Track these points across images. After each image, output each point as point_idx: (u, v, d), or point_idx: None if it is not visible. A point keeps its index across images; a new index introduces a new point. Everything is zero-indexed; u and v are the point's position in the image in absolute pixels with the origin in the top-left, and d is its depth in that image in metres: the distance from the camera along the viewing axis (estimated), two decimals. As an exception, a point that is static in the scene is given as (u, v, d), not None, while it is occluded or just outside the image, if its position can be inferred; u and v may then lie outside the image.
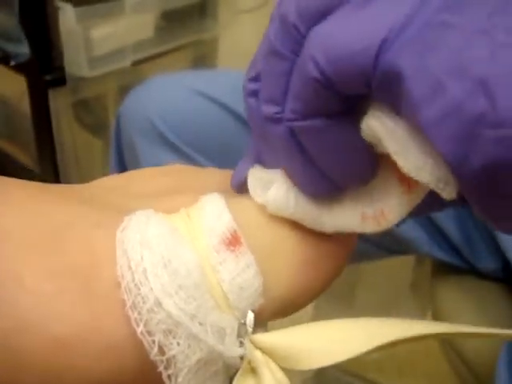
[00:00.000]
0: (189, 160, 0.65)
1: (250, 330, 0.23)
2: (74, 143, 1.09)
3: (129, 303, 0.21)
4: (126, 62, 1.03)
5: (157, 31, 1.08)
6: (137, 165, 0.69)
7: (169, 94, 0.67)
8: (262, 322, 0.25)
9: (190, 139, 0.65)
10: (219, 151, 0.65)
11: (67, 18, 0.90)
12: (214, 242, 0.23)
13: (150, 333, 0.21)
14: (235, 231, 0.24)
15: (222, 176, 0.30)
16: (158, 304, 0.21)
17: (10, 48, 0.96)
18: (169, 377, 0.21)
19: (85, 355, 0.20)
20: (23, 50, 0.94)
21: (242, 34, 1.28)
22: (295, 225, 0.26)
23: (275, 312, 0.25)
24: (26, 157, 1.20)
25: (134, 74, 1.10)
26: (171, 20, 1.11)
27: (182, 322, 0.21)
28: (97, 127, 1.16)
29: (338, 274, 0.27)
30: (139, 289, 0.21)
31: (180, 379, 0.21)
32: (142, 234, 0.22)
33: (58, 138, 1.04)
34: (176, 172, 0.30)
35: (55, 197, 0.24)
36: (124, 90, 1.11)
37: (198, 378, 0.22)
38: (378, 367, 0.99)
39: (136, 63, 1.05)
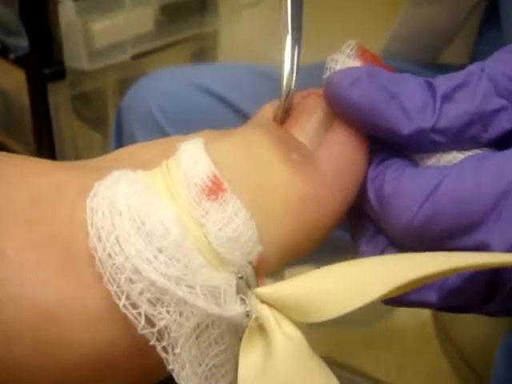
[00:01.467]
0: None
1: (253, 283, 0.21)
2: (73, 137, 1.08)
3: (105, 276, 0.19)
4: (126, 56, 1.02)
5: (157, 25, 1.07)
6: None
7: (169, 88, 0.67)
8: (272, 270, 0.23)
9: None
10: None
11: (67, 11, 0.90)
12: (192, 192, 0.21)
13: (134, 305, 0.19)
14: (215, 176, 0.22)
15: (217, 131, 0.28)
16: (137, 272, 0.19)
17: (10, 41, 0.95)
18: (164, 349, 0.20)
19: (72, 327, 0.20)
20: (23, 43, 0.94)
21: (243, 28, 1.27)
22: (284, 155, 0.24)
23: (281, 257, 0.23)
24: (24, 150, 1.20)
25: (133, 67, 1.10)
26: (171, 14, 1.10)
27: (166, 287, 0.19)
28: (96, 121, 1.15)
29: (346, 207, 0.25)
30: (114, 259, 0.19)
31: (178, 350, 0.20)
32: (111, 198, 0.20)
33: (57, 131, 1.04)
34: (172, 139, 0.28)
35: (42, 165, 0.23)
36: (123, 84, 1.11)
37: (200, 343, 0.20)
38: (378, 363, 0.99)
39: (136, 57, 1.05)
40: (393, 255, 0.22)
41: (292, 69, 0.26)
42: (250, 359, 0.21)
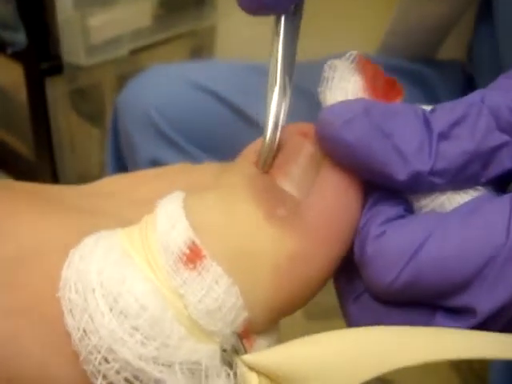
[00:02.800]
0: (184, 153, 0.65)
1: (240, 351, 0.20)
2: (70, 132, 1.08)
3: (81, 356, 0.19)
4: (124, 51, 1.02)
5: (155, 20, 1.07)
6: (133, 155, 0.68)
7: (165, 86, 0.67)
8: (264, 329, 0.22)
9: (185, 132, 0.65)
10: (216, 144, 0.65)
11: (64, 6, 0.90)
12: (170, 261, 0.20)
13: None
14: (193, 243, 0.20)
15: (217, 169, 0.26)
16: (112, 352, 0.18)
17: (7, 36, 0.95)
18: None
19: None
20: (20, 38, 0.94)
21: (241, 23, 1.27)
22: (269, 212, 0.22)
23: (271, 317, 0.22)
24: (22, 145, 1.20)
25: (131, 62, 1.10)
26: (169, 8, 1.10)
27: (143, 368, 0.18)
28: (93, 116, 1.15)
29: (339, 260, 0.23)
30: (90, 339, 0.19)
31: None
32: (84, 273, 0.19)
33: (55, 126, 1.04)
34: (169, 174, 0.27)
35: (36, 210, 0.22)
36: (121, 79, 1.11)
37: None
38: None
39: (134, 52, 1.05)
40: (391, 328, 0.21)
41: (277, 123, 0.24)
42: None
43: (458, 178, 0.22)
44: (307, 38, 0.33)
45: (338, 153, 0.23)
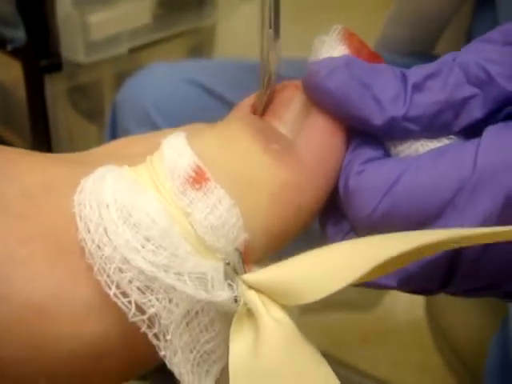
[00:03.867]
0: None
1: (240, 270, 0.22)
2: (69, 129, 1.08)
3: (95, 267, 0.20)
4: (123, 49, 1.02)
5: (154, 18, 1.07)
6: None
7: (164, 84, 0.67)
8: (258, 258, 0.23)
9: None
10: None
11: (64, 3, 0.90)
12: (176, 183, 0.22)
13: (124, 294, 0.20)
14: (198, 167, 0.22)
15: (201, 125, 0.28)
16: (126, 261, 0.20)
17: (7, 33, 0.95)
18: (156, 336, 0.20)
19: (63, 321, 0.20)
20: (19, 34, 0.94)
21: (240, 22, 1.27)
22: (265, 146, 0.25)
23: (267, 244, 0.24)
24: (20, 142, 1.19)
25: (130, 60, 1.10)
26: (169, 7, 1.10)
27: (156, 275, 0.20)
28: (92, 113, 1.15)
29: (327, 193, 0.26)
30: (103, 250, 0.20)
31: (169, 336, 0.20)
32: (98, 192, 0.21)
33: (53, 123, 1.04)
34: (159, 134, 0.28)
35: (34, 158, 0.23)
36: (120, 77, 1.11)
37: (191, 330, 0.21)
38: (371, 360, 1.00)
39: (133, 50, 1.05)
40: (370, 237, 0.22)
41: (270, 62, 0.27)
42: (239, 344, 0.21)
43: (431, 126, 0.24)
44: (306, 32, 0.34)
45: (321, 100, 0.25)
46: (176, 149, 0.23)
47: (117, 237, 0.20)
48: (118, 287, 0.20)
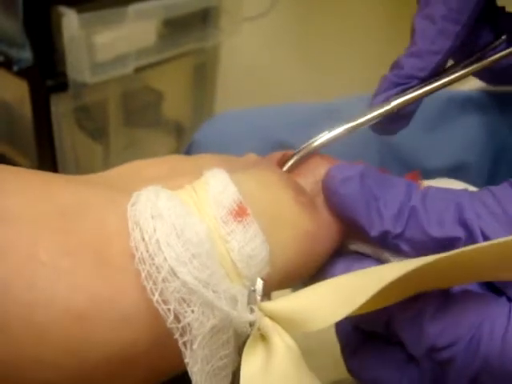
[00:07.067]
0: None
1: (258, 297, 0.24)
2: (74, 148, 1.09)
3: (143, 273, 0.22)
4: (128, 69, 1.03)
5: (159, 38, 1.08)
6: None
7: (235, 131, 0.66)
8: (267, 291, 0.25)
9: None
10: None
11: (70, 24, 0.90)
12: (221, 213, 0.25)
13: (165, 301, 0.22)
14: (241, 202, 0.25)
15: (219, 159, 0.31)
16: (173, 273, 0.22)
17: (13, 53, 0.96)
18: (184, 344, 0.22)
19: (101, 327, 0.21)
20: (26, 55, 0.94)
21: (244, 42, 1.28)
22: (295, 197, 0.28)
23: (280, 281, 0.26)
24: (26, 161, 1.20)
25: (135, 80, 1.11)
26: (174, 27, 1.11)
27: (197, 289, 0.22)
28: (97, 133, 1.16)
29: (333, 249, 0.29)
30: (153, 259, 0.22)
31: (195, 346, 0.22)
32: (153, 206, 0.23)
33: (59, 143, 1.04)
34: (173, 159, 0.31)
35: (65, 180, 0.25)
36: (125, 97, 1.12)
37: (211, 345, 0.23)
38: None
39: (138, 70, 1.06)
40: (371, 268, 0.25)
41: (321, 144, 0.31)
42: (252, 363, 0.24)
43: (422, 250, 0.26)
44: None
45: (331, 202, 0.28)
46: (221, 182, 0.26)
47: (169, 249, 0.22)
48: (160, 295, 0.22)
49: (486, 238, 0.25)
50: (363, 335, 0.29)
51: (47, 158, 1.06)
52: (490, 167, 0.53)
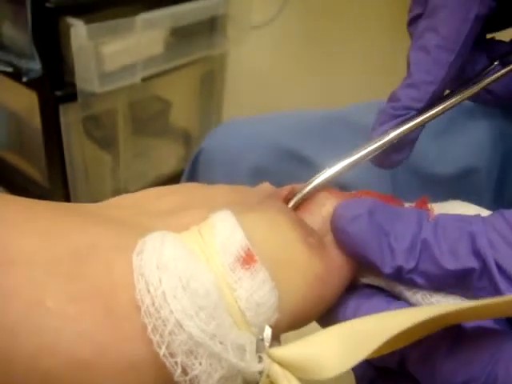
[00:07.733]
0: None
1: (267, 344, 0.23)
2: (83, 158, 1.09)
3: (150, 327, 0.21)
4: (137, 78, 1.04)
5: (167, 47, 1.09)
6: None
7: (254, 147, 0.64)
8: (276, 335, 0.25)
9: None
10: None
11: (79, 34, 0.91)
12: (228, 260, 0.24)
13: (172, 354, 0.21)
14: (249, 249, 0.24)
15: (231, 191, 0.31)
16: (179, 326, 0.21)
17: (22, 64, 0.97)
18: None
19: (107, 376, 0.21)
20: (35, 66, 0.95)
21: (251, 50, 1.29)
22: (304, 239, 0.27)
23: (289, 325, 0.26)
24: (35, 171, 1.21)
25: (143, 89, 1.11)
26: (181, 36, 1.12)
27: (204, 342, 0.21)
28: (106, 142, 1.17)
29: (344, 289, 0.28)
30: (159, 312, 0.21)
31: None
32: (158, 256, 0.22)
33: (68, 152, 1.05)
34: (185, 190, 0.31)
35: (76, 216, 0.24)
36: (134, 106, 1.12)
37: None
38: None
39: (146, 79, 1.06)
40: (381, 314, 0.24)
41: (326, 181, 0.31)
42: None
43: (437, 284, 0.26)
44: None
45: (341, 241, 0.28)
46: (228, 226, 0.25)
47: (175, 302, 0.21)
48: (167, 348, 0.21)
49: (499, 268, 0.24)
50: (378, 367, 0.29)
51: (56, 168, 1.06)
52: (500, 171, 0.52)
